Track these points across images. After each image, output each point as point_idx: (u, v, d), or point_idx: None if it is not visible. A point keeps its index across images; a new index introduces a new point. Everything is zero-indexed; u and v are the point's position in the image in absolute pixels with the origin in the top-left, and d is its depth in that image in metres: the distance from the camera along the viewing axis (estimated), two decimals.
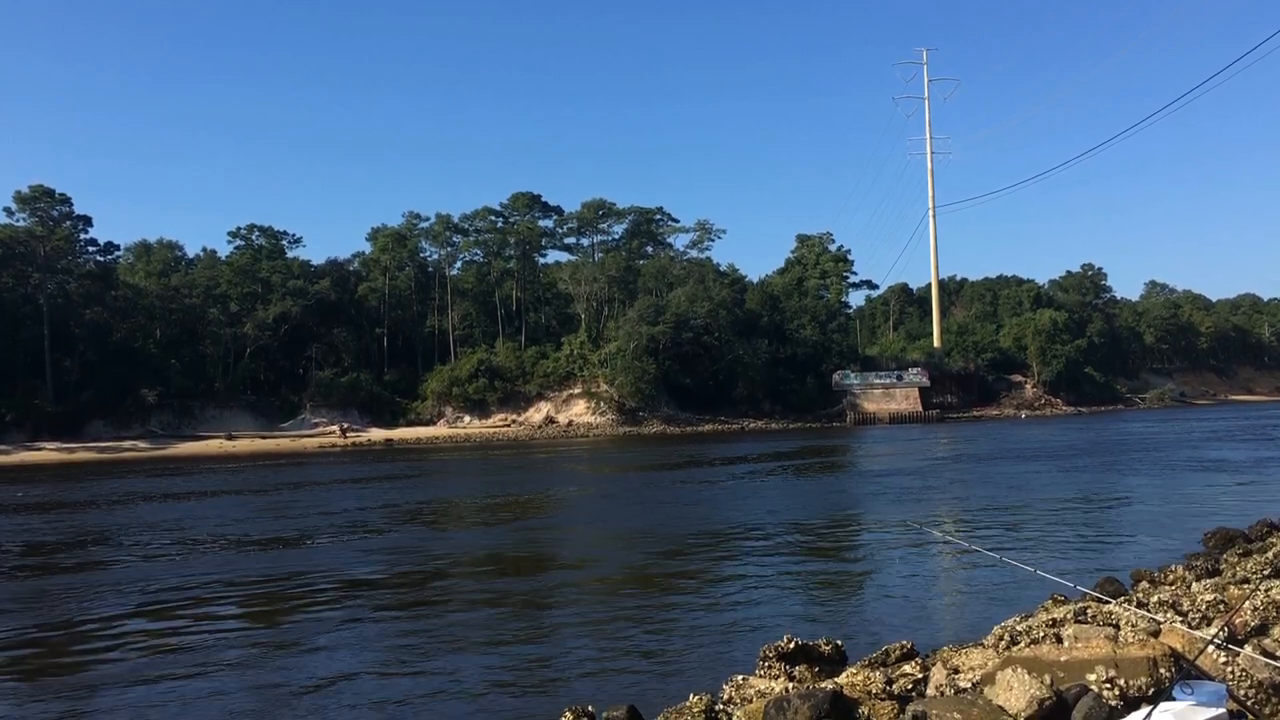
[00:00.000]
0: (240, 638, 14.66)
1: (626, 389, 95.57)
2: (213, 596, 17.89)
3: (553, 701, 10.64)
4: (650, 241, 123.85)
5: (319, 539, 25.14)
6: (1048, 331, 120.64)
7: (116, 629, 15.39)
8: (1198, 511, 24.91)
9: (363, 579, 19.33)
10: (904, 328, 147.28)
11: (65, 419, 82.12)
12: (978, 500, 29.65)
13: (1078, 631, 9.22)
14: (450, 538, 25.35)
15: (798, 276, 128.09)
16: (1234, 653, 7.59)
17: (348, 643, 13.99)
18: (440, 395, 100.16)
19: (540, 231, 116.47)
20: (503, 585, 18.57)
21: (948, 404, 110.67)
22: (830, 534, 24.21)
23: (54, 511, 35.16)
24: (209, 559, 22.47)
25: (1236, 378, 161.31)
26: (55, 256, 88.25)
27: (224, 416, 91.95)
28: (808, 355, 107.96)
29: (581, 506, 32.80)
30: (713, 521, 26.19)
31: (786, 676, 9.81)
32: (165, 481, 48.26)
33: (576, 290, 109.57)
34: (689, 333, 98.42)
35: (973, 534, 21.90)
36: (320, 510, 32.26)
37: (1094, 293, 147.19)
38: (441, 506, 33.27)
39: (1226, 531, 19.79)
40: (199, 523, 29.65)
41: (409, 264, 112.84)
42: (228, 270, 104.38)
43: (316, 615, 16.00)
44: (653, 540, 23.19)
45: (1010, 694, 7.37)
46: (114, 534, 27.63)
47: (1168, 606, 10.35)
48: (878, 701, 8.32)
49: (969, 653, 9.62)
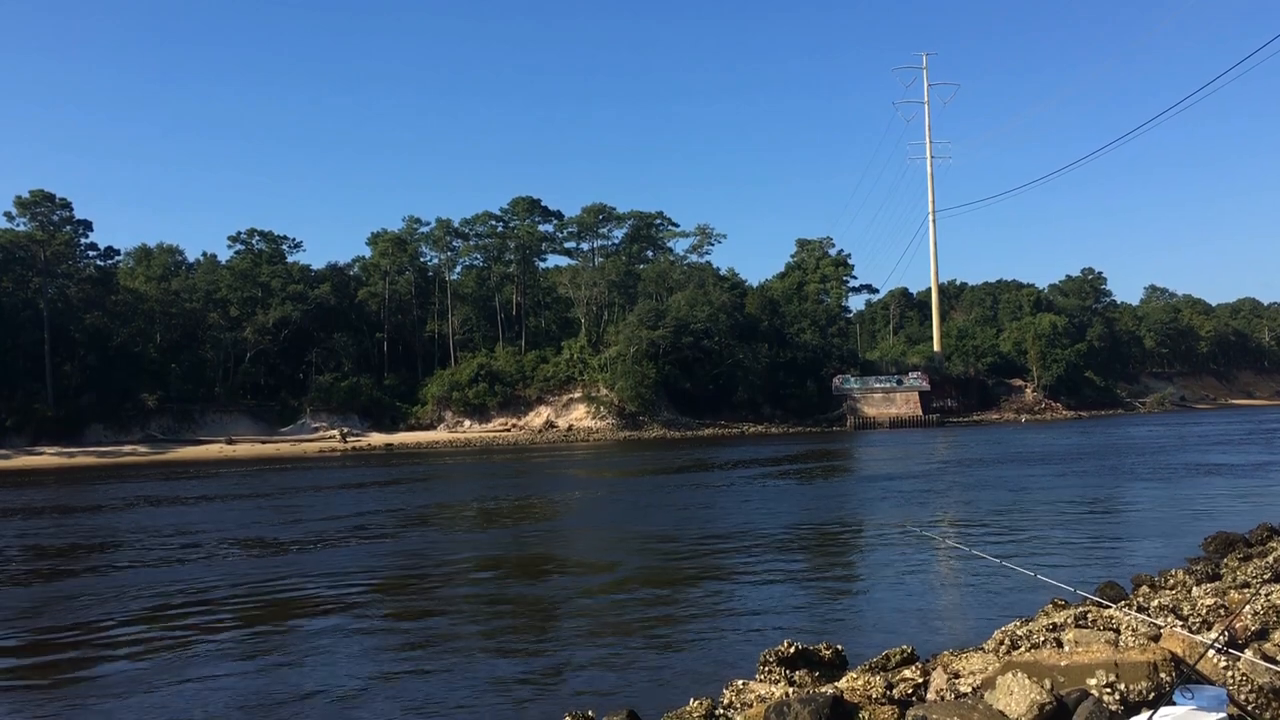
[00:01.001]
0: (241, 638, 14.63)
1: (626, 393, 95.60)
2: (215, 600, 17.86)
3: (553, 705, 10.64)
4: (650, 246, 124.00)
5: (322, 543, 25.12)
6: (1048, 336, 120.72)
7: (121, 632, 15.37)
8: (1198, 516, 24.91)
9: (364, 583, 19.31)
10: (904, 332, 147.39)
11: (65, 423, 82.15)
12: (978, 505, 29.64)
13: (1078, 636, 9.21)
14: (452, 542, 25.32)
15: (798, 281, 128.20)
16: (1234, 657, 7.58)
17: (349, 646, 13.97)
18: (440, 400, 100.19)
19: (540, 236, 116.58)
20: (504, 589, 18.56)
21: (948, 408, 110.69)
22: (830, 538, 24.20)
23: (62, 516, 35.14)
24: (213, 564, 22.44)
25: (1237, 382, 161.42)
26: (55, 261, 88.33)
27: (224, 421, 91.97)
28: (808, 359, 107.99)
29: (582, 511, 32.77)
30: (713, 526, 26.18)
31: (787, 681, 9.80)
32: (167, 486, 48.20)
33: (576, 294, 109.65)
34: (689, 337, 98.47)
35: (973, 538, 21.87)
36: (323, 515, 32.25)
37: (1094, 297, 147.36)
38: (443, 511, 33.24)
39: (1227, 536, 19.78)
40: (203, 527, 29.62)
41: (409, 268, 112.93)
42: (228, 275, 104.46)
43: (319, 619, 15.98)
44: (653, 544, 23.18)
45: (1011, 699, 7.36)
46: (119, 538, 27.61)
47: (1168, 611, 10.35)
48: (878, 706, 8.31)
49: (969, 657, 9.61)
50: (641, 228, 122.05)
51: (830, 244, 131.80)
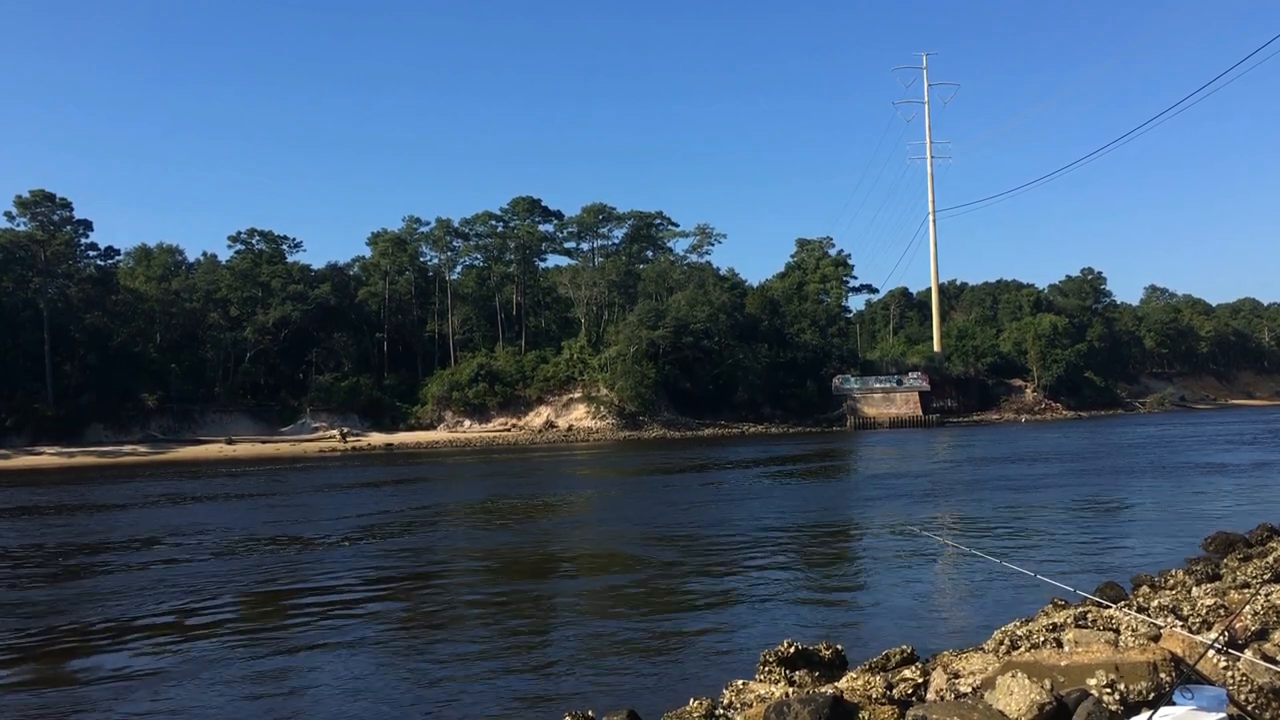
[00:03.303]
0: (242, 637, 14.64)
1: (626, 393, 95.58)
2: (217, 599, 17.87)
3: (553, 705, 10.64)
4: (650, 246, 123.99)
5: (324, 543, 25.11)
6: (1048, 336, 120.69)
7: (125, 632, 15.38)
8: (1198, 516, 24.90)
9: (365, 582, 19.32)
10: (904, 332, 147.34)
11: (65, 423, 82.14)
12: (978, 504, 29.63)
13: (1078, 636, 9.21)
14: (452, 542, 25.32)
15: (798, 281, 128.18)
16: (1234, 657, 7.58)
17: (351, 645, 13.97)
18: (440, 400, 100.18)
19: (540, 236, 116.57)
20: (504, 589, 18.56)
21: (947, 408, 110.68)
22: (830, 538, 24.20)
23: (69, 514, 35.16)
24: (215, 563, 22.43)
25: (1237, 382, 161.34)
26: (56, 261, 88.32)
27: (224, 421, 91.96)
28: (808, 359, 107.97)
29: (582, 511, 32.78)
30: (712, 526, 26.18)
31: (787, 681, 9.80)
32: (167, 485, 48.18)
33: (576, 294, 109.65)
34: (689, 337, 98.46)
35: (973, 538, 21.86)
36: (324, 515, 32.25)
37: (1094, 297, 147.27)
38: (444, 511, 33.23)
39: (1227, 536, 19.79)
40: (204, 526, 29.62)
41: (409, 268, 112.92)
42: (228, 274, 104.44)
43: (320, 619, 15.97)
44: (653, 544, 23.18)
45: (1011, 699, 7.36)
46: (123, 538, 27.60)
47: (1168, 611, 10.35)
48: (878, 706, 8.31)
49: (969, 657, 9.61)
50: (641, 228, 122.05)
51: (830, 244, 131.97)
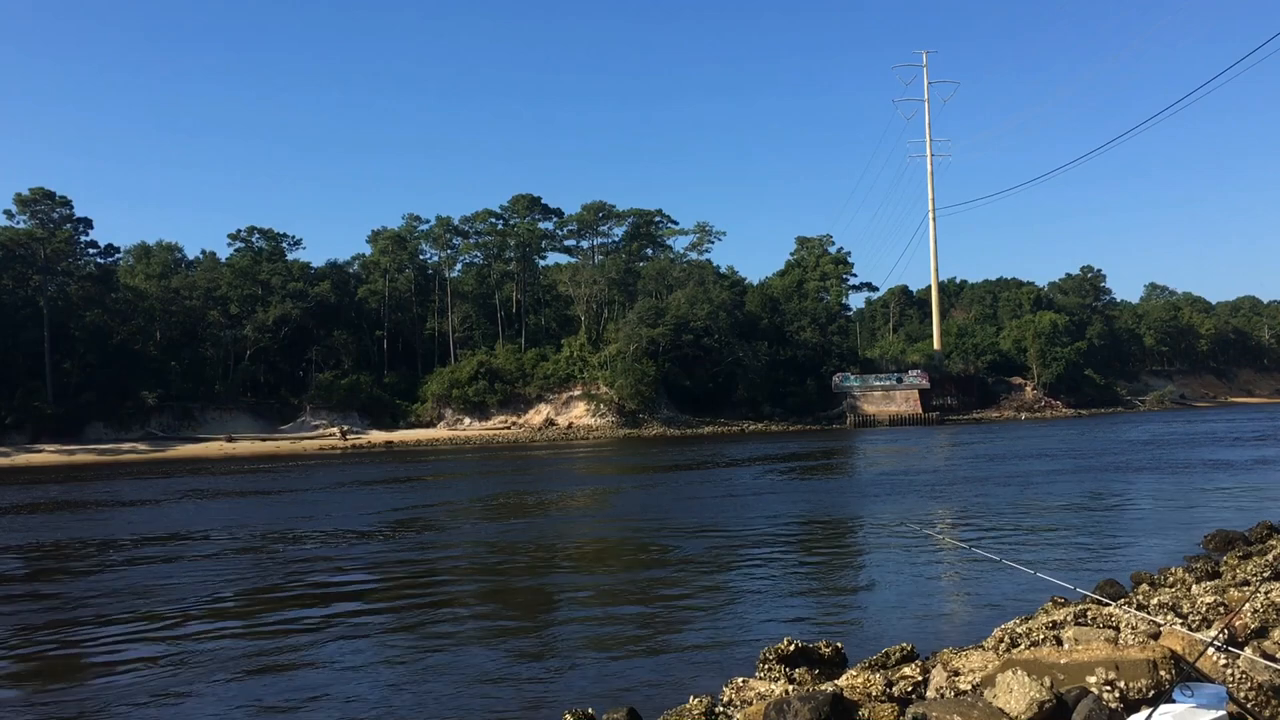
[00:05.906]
0: (243, 637, 14.64)
1: (626, 391, 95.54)
2: (218, 599, 17.88)
3: (553, 704, 10.65)
4: (650, 244, 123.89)
5: (324, 541, 25.13)
6: (1047, 334, 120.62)
7: (127, 632, 15.38)
8: (1198, 513, 24.92)
9: (364, 581, 19.34)
10: (904, 330, 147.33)
11: (65, 421, 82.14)
12: (978, 502, 29.64)
13: (1078, 634, 9.22)
14: (453, 540, 25.33)
15: (798, 279, 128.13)
16: (1234, 655, 7.59)
17: (353, 644, 13.97)
18: (440, 397, 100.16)
19: (540, 234, 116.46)
20: (504, 587, 18.56)
21: (947, 406, 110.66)
22: (830, 536, 24.21)
23: (68, 512, 35.16)
24: (216, 562, 22.45)
25: (1236, 380, 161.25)
26: (55, 259, 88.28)
27: (224, 419, 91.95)
28: (808, 357, 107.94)
29: (581, 508, 32.80)
30: (713, 523, 26.18)
31: (787, 679, 9.82)
32: (168, 483, 48.19)
33: (576, 292, 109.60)
34: (689, 335, 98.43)
35: (972, 536, 21.89)
36: (325, 513, 32.26)
37: (1094, 295, 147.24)
38: (445, 509, 33.25)
39: (1226, 534, 19.82)
40: (205, 524, 29.64)
41: (409, 266, 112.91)
42: (228, 272, 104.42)
43: (320, 617, 15.99)
44: (653, 542, 23.19)
45: (1010, 696, 7.37)
46: (123, 538, 27.61)
47: (1168, 609, 10.36)
48: (878, 704, 8.32)
49: (969, 655, 9.62)
50: (641, 225, 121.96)
51: (830, 242, 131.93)
